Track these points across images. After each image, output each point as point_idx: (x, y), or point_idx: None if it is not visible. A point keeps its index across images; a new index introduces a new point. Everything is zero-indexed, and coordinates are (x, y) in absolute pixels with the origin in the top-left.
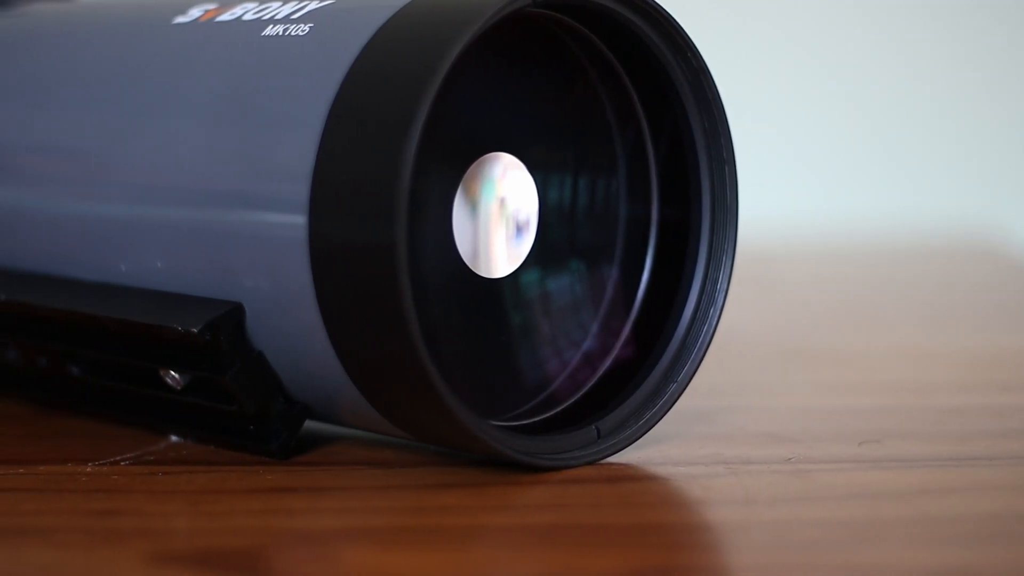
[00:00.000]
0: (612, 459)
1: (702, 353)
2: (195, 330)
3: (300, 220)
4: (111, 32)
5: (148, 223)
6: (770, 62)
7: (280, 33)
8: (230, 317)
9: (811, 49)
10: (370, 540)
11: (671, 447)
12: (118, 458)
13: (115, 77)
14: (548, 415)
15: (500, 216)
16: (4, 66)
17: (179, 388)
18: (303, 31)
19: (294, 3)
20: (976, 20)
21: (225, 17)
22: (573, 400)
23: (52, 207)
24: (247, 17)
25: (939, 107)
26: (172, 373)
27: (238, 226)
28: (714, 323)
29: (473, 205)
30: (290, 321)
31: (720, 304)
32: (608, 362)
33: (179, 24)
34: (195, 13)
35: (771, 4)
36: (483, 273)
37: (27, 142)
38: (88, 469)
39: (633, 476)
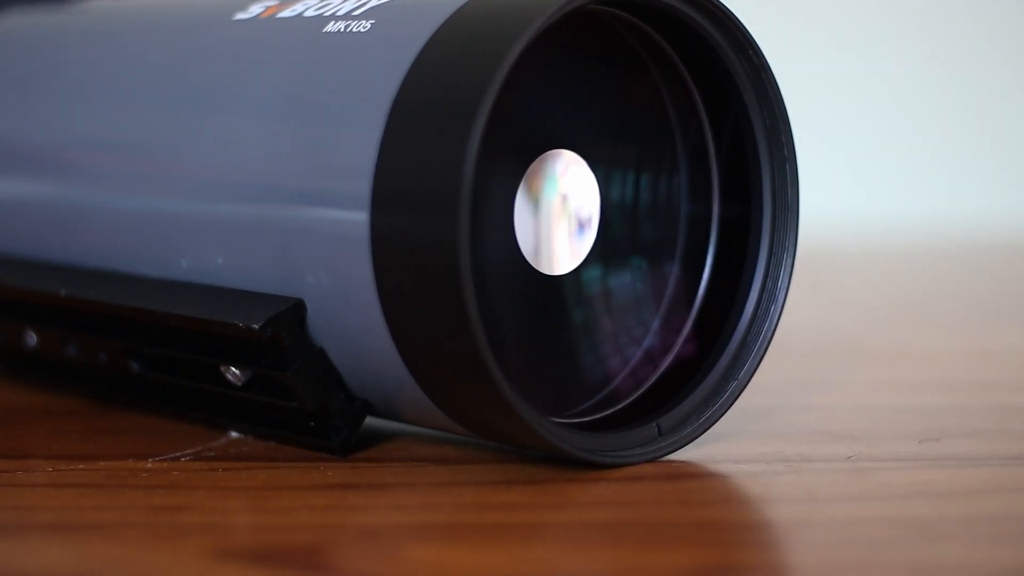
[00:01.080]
0: (672, 456)
1: (763, 351)
2: (256, 326)
3: (362, 216)
4: (172, 29)
5: (209, 219)
6: (831, 59)
7: (342, 30)
8: (291, 313)
9: (872, 46)
10: (431, 537)
11: (731, 444)
12: (178, 454)
13: (176, 74)
14: (609, 412)
15: (562, 213)
16: (66, 62)
17: (239, 384)
18: (365, 27)
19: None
20: None
21: (286, 13)
22: (634, 397)
23: (114, 203)
24: (308, 14)
25: (998, 105)
26: (233, 369)
27: (300, 222)
28: (775, 321)
29: (535, 202)
30: (351, 317)
31: (781, 302)
32: (669, 359)
33: (240, 20)
34: (256, 10)
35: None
36: (545, 270)
37: (89, 138)
38: (149, 465)
39: (693, 473)
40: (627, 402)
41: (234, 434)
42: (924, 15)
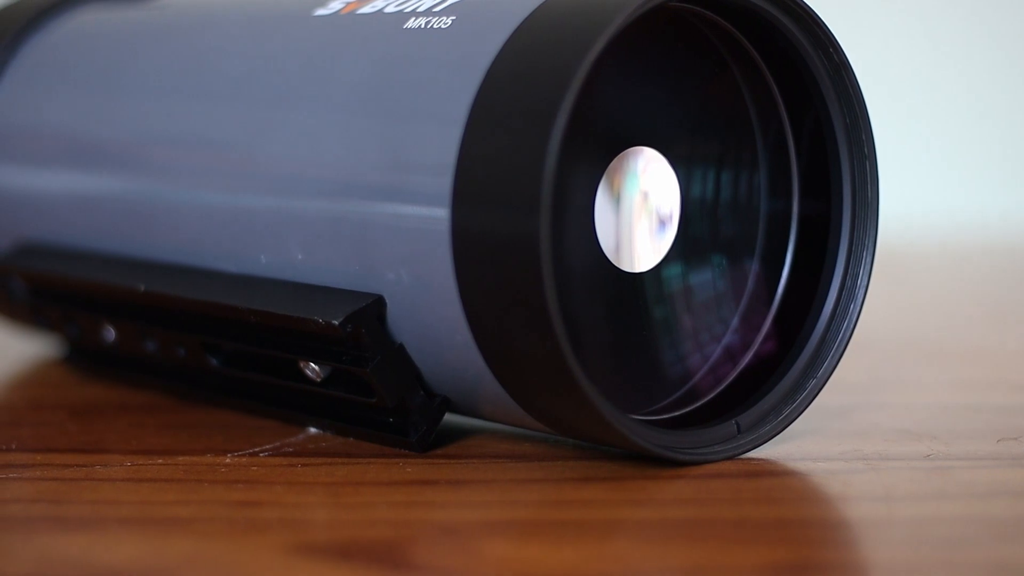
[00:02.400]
0: (751, 454)
1: (842, 349)
2: (336, 322)
3: (443, 213)
4: (252, 25)
5: (289, 215)
6: (910, 57)
7: (423, 26)
8: (371, 309)
9: (953, 42)
10: (510, 533)
11: (810, 443)
12: (257, 449)
13: (256, 69)
14: (688, 409)
15: (643, 210)
16: (146, 59)
17: (319, 380)
18: (446, 24)
19: None
20: None
21: (366, 9)
22: (713, 395)
23: (194, 199)
24: (389, 10)
25: None
26: (312, 365)
27: (380, 218)
28: (854, 319)
29: (616, 199)
30: (431, 314)
31: (860, 300)
32: (748, 357)
33: (320, 16)
34: (336, 6)
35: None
36: (625, 267)
37: (170, 134)
38: (227, 460)
39: (772, 471)
40: (706, 399)
41: (313, 430)
42: (1005, 8)
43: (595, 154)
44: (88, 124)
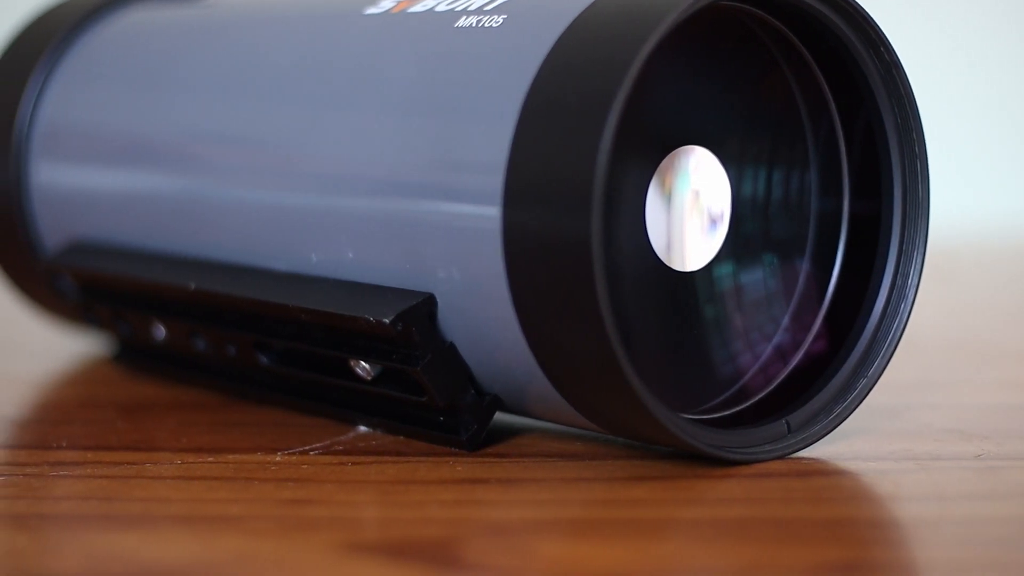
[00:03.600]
0: (801, 453)
1: (892, 349)
2: (387, 321)
3: (494, 211)
4: (303, 23)
5: (339, 213)
6: (960, 55)
7: (473, 25)
8: (422, 308)
9: (1006, 42)
10: (561, 532)
11: (860, 442)
12: (307, 448)
13: (307, 67)
14: (738, 408)
15: (694, 209)
16: (197, 57)
17: (369, 379)
18: (497, 23)
19: None
20: None
21: (417, 8)
22: (764, 394)
23: (244, 197)
24: (440, 8)
25: None
26: (362, 363)
27: (431, 217)
28: (904, 318)
29: (667, 198)
30: (482, 312)
31: (911, 299)
32: (799, 356)
33: (371, 15)
34: (387, 4)
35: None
36: (676, 266)
37: (220, 132)
38: (278, 458)
39: (823, 471)
40: (757, 399)
41: (363, 428)
42: None
43: (646, 153)
44: (140, 122)
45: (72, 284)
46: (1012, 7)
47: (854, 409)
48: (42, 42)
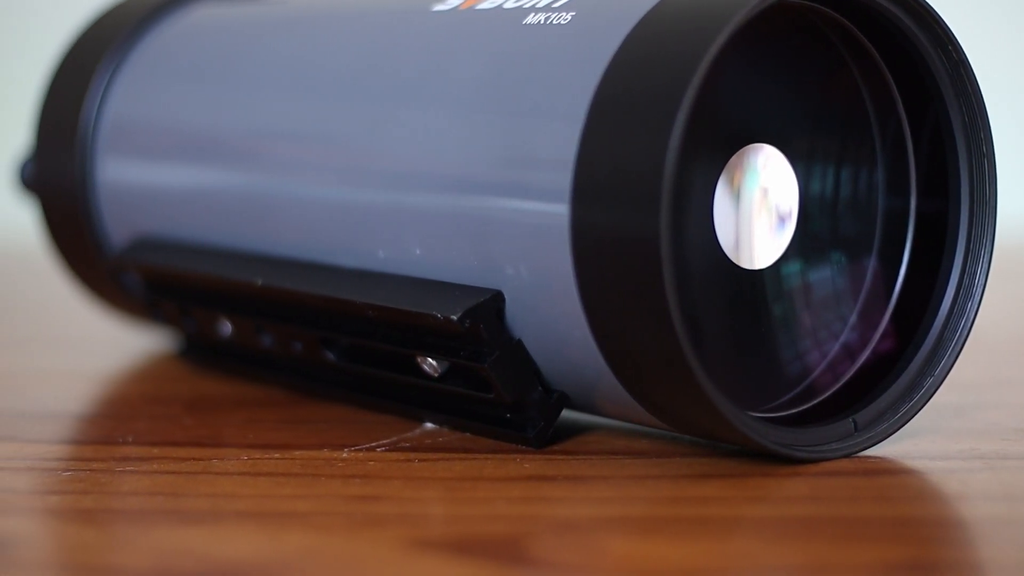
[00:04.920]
0: (868, 452)
1: (959, 347)
2: (454, 317)
3: (563, 209)
4: (371, 20)
5: (407, 210)
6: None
7: (542, 21)
8: (490, 305)
9: None
10: (629, 529)
11: (927, 441)
12: (374, 444)
13: (374, 64)
14: (805, 407)
15: (762, 207)
16: (263, 53)
17: (436, 375)
18: (565, 19)
19: None
20: None
21: (485, 5)
22: (831, 392)
23: (311, 193)
24: (508, 5)
25: None
26: (430, 360)
27: (499, 214)
28: (971, 317)
29: (736, 195)
30: (550, 309)
31: (978, 298)
32: (866, 354)
33: (439, 12)
34: (454, 1)
35: None
36: (744, 264)
37: (287, 128)
38: (344, 455)
39: (890, 469)
40: (823, 397)
41: (429, 425)
42: None
43: (715, 150)
44: (207, 118)
45: (138, 280)
46: None
47: (921, 408)
48: (108, 39)
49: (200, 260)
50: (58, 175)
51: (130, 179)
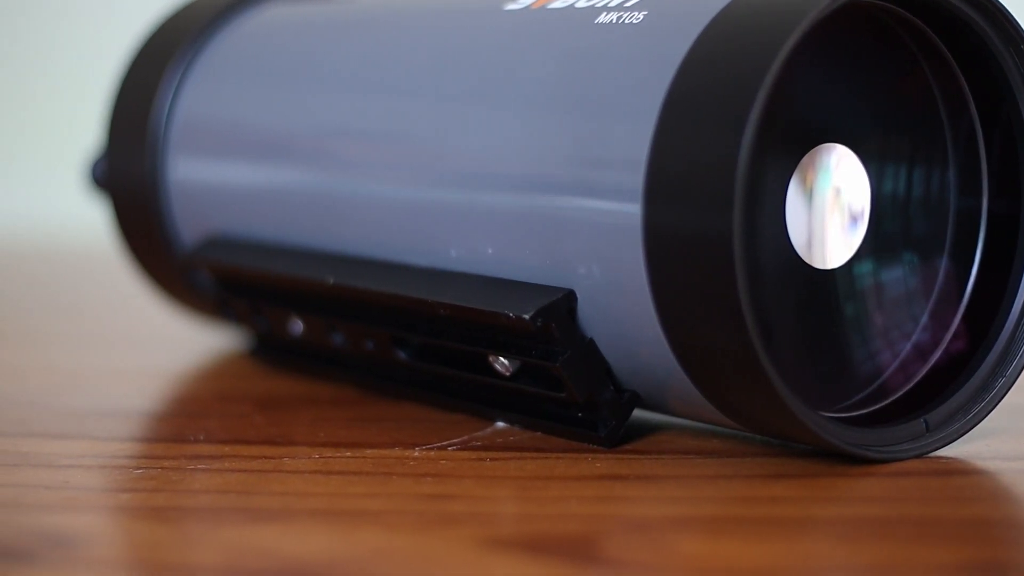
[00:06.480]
0: (939, 452)
1: None
2: (527, 316)
3: (635, 208)
4: (442, 19)
5: (479, 209)
6: None
7: (614, 20)
8: (562, 304)
9: None
10: (701, 529)
11: (999, 441)
12: (445, 443)
13: (446, 63)
14: (877, 407)
15: (835, 206)
16: (334, 52)
17: (508, 374)
18: (637, 19)
19: None
20: None
21: (557, 4)
22: (902, 392)
23: (383, 192)
24: (580, 4)
25: None
26: (501, 359)
27: (571, 213)
28: None
29: (808, 195)
30: (622, 308)
31: None
32: (938, 354)
33: (511, 11)
34: (526, 0)
35: None
36: (816, 264)
37: (359, 127)
38: (416, 453)
39: (962, 470)
40: (895, 397)
41: (501, 424)
42: None
43: (787, 150)
44: (278, 118)
45: (209, 279)
46: None
47: (992, 408)
48: (179, 38)
49: (271, 259)
50: (129, 174)
51: (202, 177)
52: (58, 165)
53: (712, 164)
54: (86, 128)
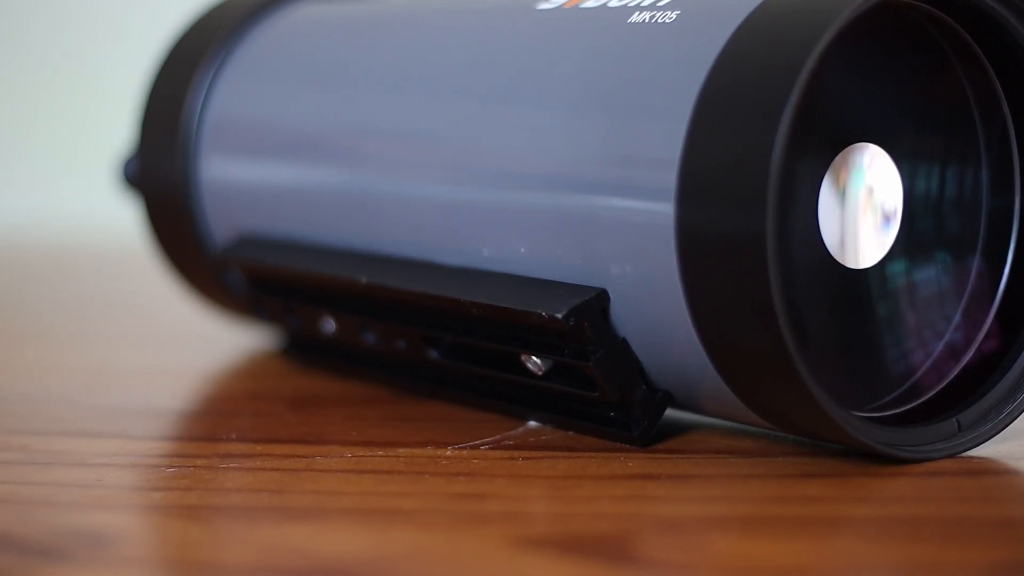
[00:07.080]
0: (971, 452)
1: None
2: (559, 316)
3: (668, 208)
4: (475, 18)
5: (512, 208)
6: None
7: (647, 20)
8: (595, 303)
9: None
10: (733, 529)
11: None
12: (478, 442)
13: (479, 62)
14: (909, 407)
15: (867, 206)
16: (367, 51)
17: (540, 373)
18: (670, 18)
19: None
20: None
21: (590, 3)
22: (934, 392)
23: (416, 191)
24: (613, 3)
25: None
26: (534, 358)
27: (604, 212)
28: None
29: (841, 195)
30: (655, 308)
31: None
32: (970, 354)
33: (544, 10)
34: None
35: None
36: (849, 263)
37: (391, 126)
38: (448, 453)
39: (994, 470)
40: (927, 397)
41: (533, 423)
42: None
43: (820, 150)
44: (310, 117)
45: (241, 277)
46: None
47: None
48: (211, 37)
49: (303, 258)
50: (161, 172)
51: (233, 176)
52: (91, 164)
53: (745, 164)
54: (118, 127)
